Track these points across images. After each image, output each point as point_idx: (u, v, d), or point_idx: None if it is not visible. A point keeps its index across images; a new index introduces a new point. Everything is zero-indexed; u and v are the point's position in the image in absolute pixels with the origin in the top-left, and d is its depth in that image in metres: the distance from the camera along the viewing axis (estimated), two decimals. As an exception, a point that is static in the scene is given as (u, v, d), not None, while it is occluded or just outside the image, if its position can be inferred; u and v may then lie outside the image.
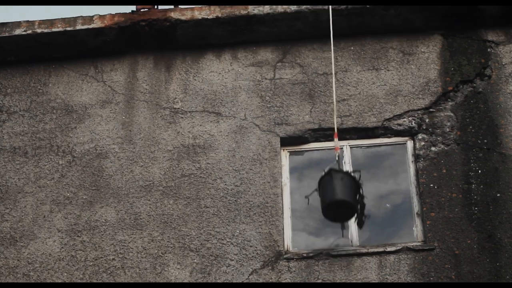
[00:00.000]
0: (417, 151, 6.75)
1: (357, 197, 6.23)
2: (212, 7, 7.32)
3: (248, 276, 6.35)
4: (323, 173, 6.29)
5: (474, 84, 7.00)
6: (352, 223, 6.49)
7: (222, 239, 6.52)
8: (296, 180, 6.90)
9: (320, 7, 7.21)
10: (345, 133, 6.89)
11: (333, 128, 6.79)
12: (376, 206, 6.72)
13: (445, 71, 7.08)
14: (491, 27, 7.23)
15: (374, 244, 6.50)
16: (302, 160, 7.00)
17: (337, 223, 6.42)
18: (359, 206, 6.24)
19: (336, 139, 6.49)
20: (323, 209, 6.20)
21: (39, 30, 7.40)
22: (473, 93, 6.96)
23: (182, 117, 7.09)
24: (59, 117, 7.21)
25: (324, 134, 6.94)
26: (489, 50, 7.14)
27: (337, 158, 6.38)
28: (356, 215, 6.26)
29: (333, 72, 6.85)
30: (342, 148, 6.84)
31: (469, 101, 6.92)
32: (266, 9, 7.23)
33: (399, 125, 6.89)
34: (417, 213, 6.62)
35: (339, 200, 6.13)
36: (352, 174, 6.29)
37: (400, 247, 6.38)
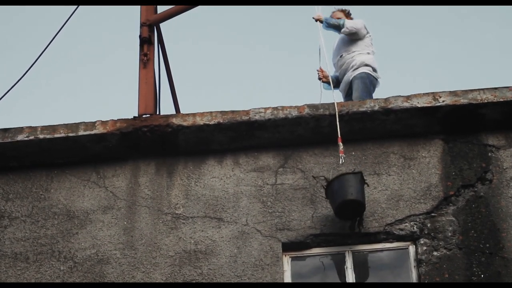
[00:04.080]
0: (419, 256, 7.02)
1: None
2: (214, 113, 7.66)
3: None
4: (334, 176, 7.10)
5: (476, 189, 7.31)
6: None
7: None
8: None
9: (321, 112, 7.56)
10: (347, 239, 7.17)
11: (336, 233, 7.12)
12: (379, 311, 6.95)
13: (446, 176, 7.40)
14: (491, 131, 7.59)
15: None
16: (304, 265, 7.24)
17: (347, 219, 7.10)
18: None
19: (340, 143, 7.21)
20: (338, 206, 6.98)
21: (41, 136, 7.72)
22: (474, 198, 7.27)
23: (183, 223, 7.38)
24: (60, 223, 7.50)
25: (326, 239, 7.22)
26: (489, 154, 7.48)
27: (341, 161, 7.14)
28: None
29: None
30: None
31: (471, 206, 7.22)
32: (267, 114, 7.57)
33: (401, 230, 7.18)
34: (420, 319, 6.83)
35: (353, 199, 6.93)
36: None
37: None
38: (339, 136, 7.33)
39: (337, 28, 9.43)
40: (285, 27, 21.31)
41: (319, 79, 9.48)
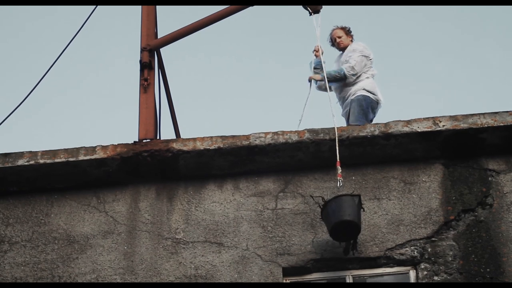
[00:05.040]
0: (419, 280, 7.08)
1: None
2: (214, 138, 7.72)
3: None
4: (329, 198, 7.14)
5: (476, 213, 7.37)
6: None
7: None
8: (299, 311, 7.16)
9: (321, 136, 7.63)
10: (348, 263, 7.22)
11: (336, 258, 7.17)
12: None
13: (447, 200, 7.46)
14: (491, 156, 7.65)
15: None
16: (305, 290, 7.29)
17: (341, 241, 7.12)
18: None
19: (338, 167, 7.23)
20: (334, 226, 6.99)
21: (41, 161, 7.79)
22: (475, 222, 7.32)
23: (184, 248, 7.43)
24: (60, 248, 7.54)
25: (326, 264, 7.26)
26: (490, 179, 7.54)
27: (339, 184, 7.17)
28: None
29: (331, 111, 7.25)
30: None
31: (471, 230, 7.28)
32: (267, 139, 7.64)
33: (402, 254, 7.23)
34: None
35: (350, 220, 6.95)
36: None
37: None
38: (338, 159, 7.40)
39: (340, 79, 9.41)
40: (288, 51, 21.44)
41: (314, 52, 9.61)
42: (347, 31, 9.74)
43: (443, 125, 7.59)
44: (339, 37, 9.67)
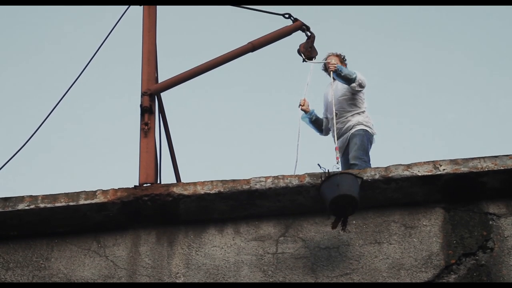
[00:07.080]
0: (421, 325, 7.10)
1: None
2: (215, 182, 7.79)
3: None
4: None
5: (477, 257, 7.41)
6: None
7: None
8: None
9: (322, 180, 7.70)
10: (349, 307, 7.26)
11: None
12: None
13: (448, 244, 7.51)
14: (492, 200, 7.71)
15: None
16: (306, 335, 7.31)
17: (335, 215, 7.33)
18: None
19: (337, 151, 7.85)
20: (336, 198, 7.23)
21: (42, 205, 7.85)
22: (476, 266, 7.36)
23: (184, 292, 7.47)
24: (61, 293, 7.58)
25: (327, 308, 7.30)
26: (490, 222, 7.60)
27: (337, 161, 7.64)
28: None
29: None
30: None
31: (472, 274, 7.32)
32: (268, 183, 7.71)
33: (403, 299, 7.27)
34: None
35: (349, 195, 7.23)
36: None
37: None
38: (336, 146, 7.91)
39: (348, 80, 9.46)
40: (289, 95, 21.60)
41: (299, 106, 9.77)
42: (342, 59, 9.80)
43: (444, 169, 7.66)
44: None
